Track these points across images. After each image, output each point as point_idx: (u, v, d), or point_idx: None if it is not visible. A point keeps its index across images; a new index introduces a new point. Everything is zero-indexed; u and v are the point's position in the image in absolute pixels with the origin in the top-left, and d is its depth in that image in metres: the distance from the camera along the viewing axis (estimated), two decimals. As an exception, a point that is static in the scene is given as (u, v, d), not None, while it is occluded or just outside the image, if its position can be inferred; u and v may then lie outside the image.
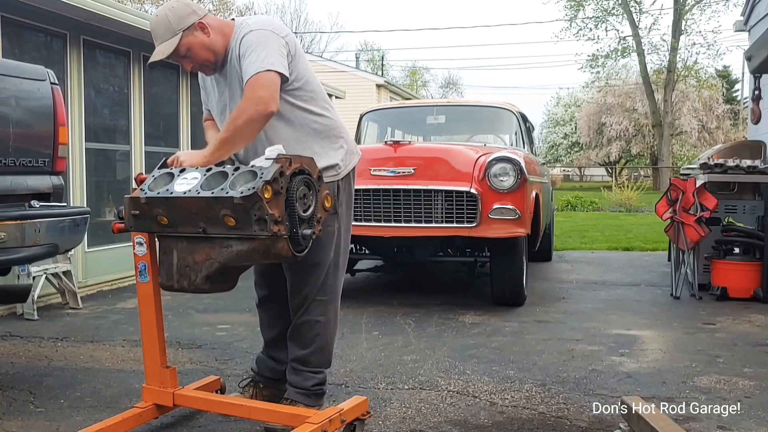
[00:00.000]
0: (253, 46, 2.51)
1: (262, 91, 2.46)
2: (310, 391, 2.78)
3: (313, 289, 2.74)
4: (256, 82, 2.47)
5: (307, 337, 2.77)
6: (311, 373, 2.79)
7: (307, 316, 2.76)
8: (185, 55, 2.59)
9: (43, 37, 5.71)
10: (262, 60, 2.49)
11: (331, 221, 2.70)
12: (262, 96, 2.45)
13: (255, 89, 2.46)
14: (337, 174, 2.73)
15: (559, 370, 3.58)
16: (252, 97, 2.46)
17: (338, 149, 2.76)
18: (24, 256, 3.13)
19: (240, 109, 2.48)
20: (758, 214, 5.79)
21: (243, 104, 2.47)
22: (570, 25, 29.00)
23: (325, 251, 2.72)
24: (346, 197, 2.82)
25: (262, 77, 2.47)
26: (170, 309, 4.96)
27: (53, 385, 3.33)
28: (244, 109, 2.46)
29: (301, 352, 2.79)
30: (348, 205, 2.85)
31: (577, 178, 44.83)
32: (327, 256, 2.74)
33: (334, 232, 2.75)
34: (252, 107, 2.45)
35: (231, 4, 37.27)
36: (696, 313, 5.10)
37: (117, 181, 6.76)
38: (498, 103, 6.88)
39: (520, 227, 4.88)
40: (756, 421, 2.85)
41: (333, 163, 2.72)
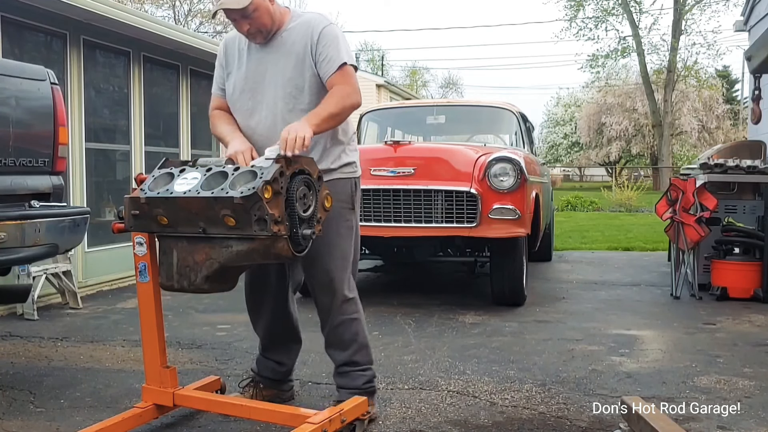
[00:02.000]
0: (338, 39, 2.67)
1: (356, 84, 2.66)
2: (363, 390, 2.77)
3: (342, 287, 2.75)
4: (351, 74, 2.65)
5: (347, 338, 2.78)
6: (360, 372, 2.80)
7: (341, 316, 2.76)
8: (249, 15, 2.59)
9: (43, 37, 5.71)
10: (348, 53, 2.67)
11: (349, 215, 2.77)
12: (358, 89, 2.66)
13: (352, 78, 2.65)
14: (354, 171, 2.81)
15: (559, 370, 3.58)
16: (353, 86, 2.63)
17: (354, 149, 2.85)
18: (24, 256, 3.13)
19: (347, 92, 2.60)
20: (758, 214, 5.78)
21: (348, 90, 2.61)
22: (570, 25, 29.01)
23: (346, 246, 2.76)
24: (360, 196, 2.89)
25: (352, 72, 2.66)
26: (170, 309, 4.96)
27: (53, 385, 3.33)
28: (350, 94, 2.61)
29: (344, 355, 2.79)
30: (359, 205, 2.91)
31: (577, 178, 44.83)
32: (348, 250, 2.77)
33: (352, 226, 2.80)
34: (355, 96, 2.62)
35: (231, 4, 37.30)
36: (696, 313, 5.10)
37: (117, 181, 6.77)
38: (498, 103, 6.88)
39: (520, 227, 4.88)
40: (756, 421, 2.85)
41: (351, 161, 2.80)
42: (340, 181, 2.74)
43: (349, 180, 2.79)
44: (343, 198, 2.73)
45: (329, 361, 3.70)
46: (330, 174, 2.70)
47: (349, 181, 2.78)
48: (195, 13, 36.55)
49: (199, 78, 7.69)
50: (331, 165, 2.72)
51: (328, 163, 2.72)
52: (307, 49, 2.65)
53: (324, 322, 2.82)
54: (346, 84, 2.61)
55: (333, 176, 2.72)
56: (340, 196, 2.70)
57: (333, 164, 2.73)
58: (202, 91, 7.87)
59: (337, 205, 2.67)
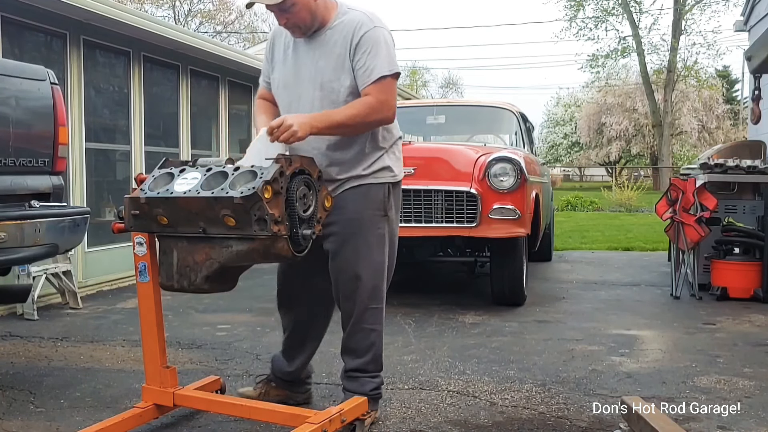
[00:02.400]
0: (379, 45, 2.56)
1: (391, 98, 2.57)
2: (370, 396, 2.72)
3: (367, 296, 2.68)
4: (388, 87, 2.56)
5: (362, 347, 2.74)
6: (369, 378, 2.77)
7: (362, 324, 2.71)
8: (287, 10, 2.56)
9: (43, 37, 5.71)
10: (390, 61, 2.57)
11: (381, 223, 2.69)
12: (391, 105, 2.58)
13: (387, 93, 2.56)
14: (389, 176, 2.72)
15: (559, 370, 3.58)
16: (384, 102, 2.55)
17: (394, 154, 2.77)
18: (24, 256, 3.13)
19: (372, 108, 2.54)
20: (758, 214, 5.78)
21: (375, 105, 2.54)
22: (570, 25, 28.98)
23: (376, 254, 2.68)
24: (395, 203, 2.78)
25: (391, 84, 2.57)
26: (170, 309, 4.96)
27: (53, 385, 3.33)
28: (376, 110, 2.54)
29: (357, 362, 2.75)
30: (396, 212, 2.80)
31: (577, 178, 44.82)
32: (379, 260, 2.69)
33: (384, 234, 2.70)
34: (383, 112, 2.56)
35: (231, 4, 37.36)
36: (696, 313, 5.10)
37: (117, 181, 6.77)
38: (498, 103, 6.88)
39: (520, 227, 4.88)
40: (756, 421, 2.85)
41: (386, 165, 2.71)
42: (372, 186, 2.67)
43: (382, 186, 2.69)
44: (373, 205, 2.66)
45: (329, 361, 3.72)
46: (360, 179, 2.65)
47: (381, 187, 2.69)
48: (195, 13, 36.58)
49: (199, 78, 7.70)
50: (363, 171, 2.66)
51: (360, 169, 2.65)
52: (346, 53, 2.58)
53: (344, 328, 2.77)
54: (377, 99, 2.54)
55: (363, 182, 2.66)
56: (370, 203, 2.65)
57: (365, 170, 2.66)
58: (202, 91, 7.88)
59: (366, 212, 2.63)
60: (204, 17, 36.62)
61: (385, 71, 2.54)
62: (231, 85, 8.30)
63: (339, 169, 2.65)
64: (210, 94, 8.04)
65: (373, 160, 2.67)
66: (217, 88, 8.08)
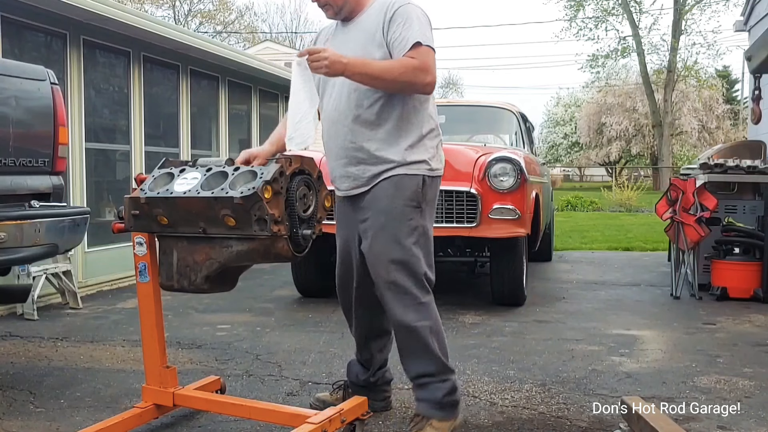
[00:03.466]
0: (412, 18, 2.47)
1: (431, 64, 2.44)
2: (443, 403, 2.56)
3: (405, 293, 2.51)
4: (427, 53, 2.43)
5: (415, 348, 2.55)
6: (438, 383, 2.57)
7: (406, 323, 2.53)
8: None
9: (43, 37, 5.71)
10: (425, 34, 2.46)
11: (414, 214, 2.54)
12: (430, 70, 2.43)
13: (426, 57, 2.43)
14: (425, 169, 2.57)
15: (559, 370, 3.58)
16: (423, 65, 2.41)
17: (430, 149, 2.62)
18: (24, 256, 3.13)
19: (409, 66, 2.40)
20: (758, 214, 5.78)
21: (414, 64, 2.40)
22: (570, 25, 29.02)
23: (408, 248, 2.52)
24: (431, 198, 2.63)
25: (431, 52, 2.45)
26: (170, 309, 4.96)
27: (53, 385, 3.33)
28: (414, 70, 2.40)
29: (416, 367, 2.58)
30: (431, 209, 2.65)
31: (577, 178, 44.82)
32: (413, 251, 2.52)
33: (417, 226, 2.55)
34: (420, 76, 2.41)
35: (231, 4, 37.37)
36: (696, 313, 5.10)
37: (117, 181, 6.77)
38: (498, 103, 6.88)
39: (520, 227, 4.88)
40: (756, 421, 2.85)
41: (422, 159, 2.57)
42: (405, 177, 2.53)
43: (416, 177, 2.54)
44: (406, 195, 2.52)
45: (329, 361, 3.72)
46: (392, 170, 2.53)
47: (415, 178, 2.54)
48: (195, 13, 36.59)
49: (199, 78, 7.70)
50: (395, 156, 2.53)
51: (392, 156, 2.53)
52: (379, 27, 2.50)
53: (393, 326, 2.62)
54: (418, 60, 2.40)
55: (396, 172, 2.53)
56: (403, 193, 2.52)
57: (396, 155, 2.53)
58: (202, 91, 7.88)
59: (398, 203, 2.51)
60: (204, 17, 36.64)
61: (420, 38, 2.44)
62: (231, 85, 8.30)
63: (368, 149, 2.54)
64: (210, 94, 8.04)
65: (404, 146, 2.54)
66: (217, 88, 8.08)
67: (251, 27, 38.61)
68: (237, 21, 37.94)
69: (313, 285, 5.55)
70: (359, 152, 2.56)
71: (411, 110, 2.56)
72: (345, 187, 2.64)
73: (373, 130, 2.53)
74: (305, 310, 5.17)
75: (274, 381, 3.38)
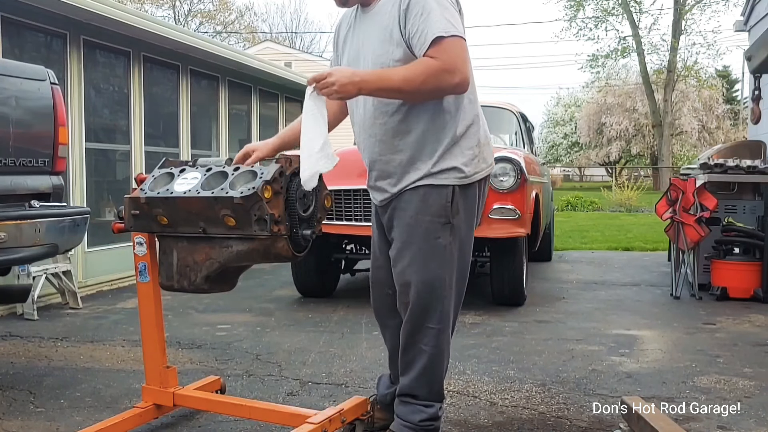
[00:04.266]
0: (431, 6, 2.16)
1: (458, 59, 2.13)
2: (417, 427, 2.38)
3: (422, 314, 2.33)
4: (452, 47, 2.12)
5: (414, 367, 2.39)
6: (421, 407, 2.39)
7: (414, 341, 2.37)
8: None
9: (43, 37, 5.71)
10: (447, 24, 2.14)
11: (442, 232, 2.30)
12: (458, 67, 2.12)
13: (451, 54, 2.12)
14: (457, 177, 2.32)
15: (559, 370, 3.58)
16: (448, 64, 2.11)
17: (466, 150, 2.34)
18: (24, 256, 3.13)
19: (433, 69, 2.12)
20: (758, 214, 5.79)
21: (436, 66, 2.11)
22: (570, 25, 29.01)
23: (433, 268, 2.31)
24: (465, 208, 2.36)
25: (455, 44, 2.13)
26: (170, 309, 4.96)
27: (53, 385, 3.33)
28: (437, 73, 2.12)
29: (407, 383, 2.42)
30: (468, 219, 2.39)
31: (577, 178, 44.81)
32: (436, 274, 2.31)
33: (446, 245, 2.31)
34: (445, 77, 2.12)
35: (231, 4, 37.38)
36: (696, 313, 5.10)
37: (117, 181, 6.77)
38: (498, 103, 6.88)
39: (520, 227, 4.88)
40: (756, 421, 2.85)
41: (452, 166, 2.30)
42: (433, 189, 2.29)
43: (445, 188, 2.29)
44: (432, 210, 2.29)
45: (329, 361, 3.72)
46: (419, 180, 2.30)
47: (444, 190, 2.29)
48: (195, 13, 36.61)
49: (199, 78, 7.70)
50: (423, 168, 2.29)
51: (419, 164, 2.30)
52: (395, 22, 2.23)
53: (401, 339, 2.44)
54: (441, 60, 2.11)
55: (422, 182, 2.30)
56: (429, 208, 2.29)
57: (425, 167, 2.29)
58: (202, 91, 7.88)
59: (424, 219, 2.29)
60: (204, 17, 36.66)
61: (441, 32, 2.12)
62: (231, 85, 8.30)
63: (396, 162, 2.33)
64: (210, 94, 8.04)
65: (435, 154, 2.29)
66: (217, 88, 8.08)
67: (251, 27, 38.64)
68: (237, 21, 37.97)
69: (313, 285, 5.55)
70: (388, 165, 2.35)
71: (443, 110, 2.29)
72: (377, 199, 2.48)
73: (402, 139, 2.31)
74: (305, 310, 5.17)
75: (274, 381, 3.38)
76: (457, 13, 2.23)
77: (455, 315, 2.44)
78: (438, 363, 2.39)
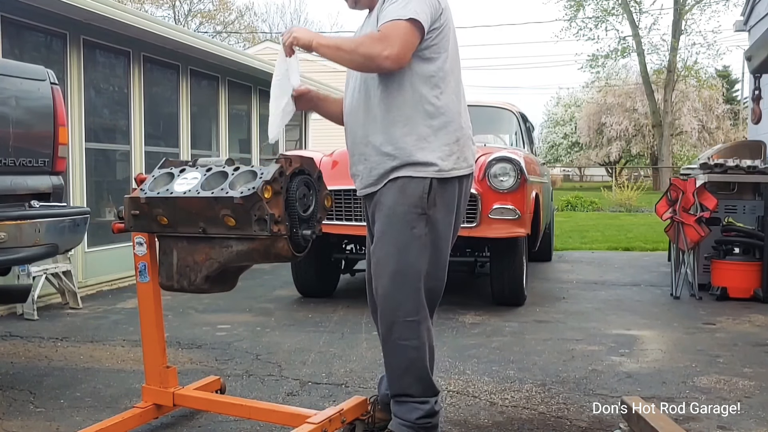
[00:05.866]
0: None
1: (398, 45, 2.22)
2: (416, 425, 2.39)
3: (397, 306, 2.35)
4: (396, 27, 2.22)
5: (398, 365, 2.40)
6: (417, 404, 2.40)
7: (393, 337, 2.38)
8: None
9: (43, 37, 5.71)
10: (404, 7, 2.24)
11: (417, 222, 2.35)
12: (392, 42, 2.21)
13: (392, 30, 2.22)
14: (434, 170, 2.35)
15: (559, 370, 3.58)
16: (384, 38, 2.22)
17: (443, 146, 2.38)
18: (24, 256, 3.13)
19: (369, 38, 2.25)
20: (758, 214, 5.78)
21: (374, 37, 2.24)
22: (570, 25, 29.02)
23: (408, 258, 2.34)
24: (443, 202, 2.40)
25: (405, 29, 2.23)
26: (170, 309, 4.96)
27: (53, 385, 3.33)
28: (372, 43, 2.23)
29: (396, 382, 2.42)
30: (446, 214, 2.42)
31: (577, 178, 44.82)
32: (409, 263, 2.34)
33: (420, 236, 2.35)
34: (377, 50, 2.22)
35: (231, 4, 37.38)
36: (696, 313, 5.10)
37: (117, 181, 6.77)
38: (498, 103, 6.88)
39: (520, 227, 4.88)
40: (756, 421, 2.85)
41: (428, 160, 2.35)
42: (412, 180, 2.34)
43: (422, 180, 2.34)
44: (409, 200, 2.34)
45: (329, 361, 3.72)
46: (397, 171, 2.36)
47: (421, 182, 2.34)
48: (195, 13, 36.61)
49: (199, 78, 7.70)
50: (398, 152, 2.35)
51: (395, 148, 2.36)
52: (377, 15, 2.36)
53: (380, 336, 2.47)
54: (380, 33, 2.23)
55: (401, 173, 2.35)
56: (406, 198, 2.34)
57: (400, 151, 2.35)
58: (202, 91, 7.89)
59: (400, 208, 2.34)
60: (204, 17, 36.66)
61: (397, 15, 2.23)
62: (231, 85, 8.30)
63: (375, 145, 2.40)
64: (210, 94, 8.04)
65: (409, 144, 2.34)
66: (217, 88, 8.08)
67: (251, 27, 38.64)
68: (237, 21, 37.97)
69: (313, 285, 5.55)
70: (366, 147, 2.43)
71: (419, 99, 2.35)
72: (357, 186, 2.55)
73: (379, 121, 2.38)
74: (305, 310, 5.17)
75: (274, 381, 3.38)
76: (428, 7, 2.29)
77: (432, 310, 2.46)
78: (422, 356, 2.40)
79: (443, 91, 2.38)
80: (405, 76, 2.34)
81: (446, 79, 2.39)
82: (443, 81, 2.39)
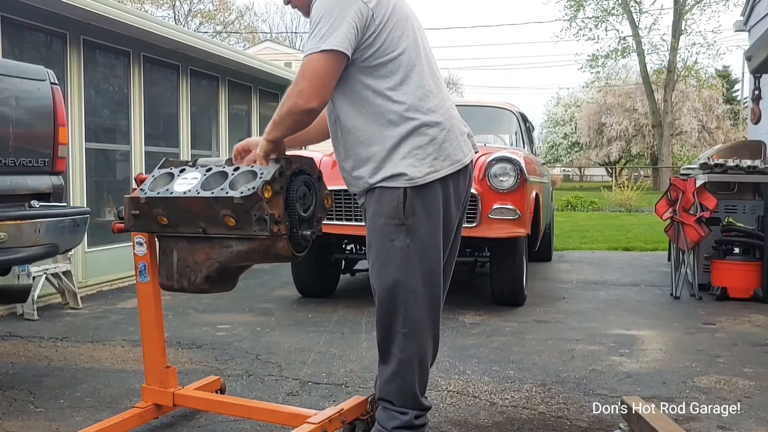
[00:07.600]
0: (317, 17, 2.17)
1: (305, 81, 2.16)
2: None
3: (385, 318, 2.32)
4: (304, 69, 2.17)
5: (385, 371, 2.37)
6: (396, 413, 2.34)
7: (386, 345, 2.35)
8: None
9: (43, 37, 5.71)
10: (320, 37, 2.14)
11: (396, 234, 2.26)
12: (303, 88, 2.16)
13: (300, 76, 2.17)
14: (406, 180, 2.25)
15: (559, 370, 3.58)
16: (295, 86, 2.18)
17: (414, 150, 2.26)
18: (24, 256, 3.13)
19: (285, 96, 2.22)
20: (758, 214, 5.79)
21: (288, 92, 2.21)
22: (570, 25, 28.99)
23: (390, 271, 2.28)
24: (424, 209, 2.27)
25: (311, 64, 2.15)
26: (170, 309, 4.96)
27: (53, 385, 3.33)
28: (287, 98, 2.21)
29: (381, 386, 2.39)
30: (429, 221, 2.29)
31: (577, 178, 44.82)
32: (394, 278, 2.28)
33: (401, 248, 2.26)
34: (292, 99, 2.18)
35: (231, 4, 37.39)
36: (696, 313, 5.10)
37: (117, 181, 6.77)
38: (498, 103, 6.89)
39: (520, 227, 4.88)
40: (756, 421, 2.85)
41: (396, 172, 2.25)
42: (385, 191, 2.26)
43: (396, 190, 2.24)
44: (386, 212, 2.27)
45: (329, 361, 3.72)
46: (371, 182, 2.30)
47: (395, 192, 2.24)
48: (195, 13, 36.62)
49: (199, 78, 7.70)
50: (368, 174, 2.29)
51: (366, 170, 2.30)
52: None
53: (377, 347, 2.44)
54: (291, 87, 2.20)
55: (376, 185, 2.29)
56: (383, 209, 2.27)
57: (373, 173, 2.28)
58: (202, 91, 7.89)
59: (379, 221, 2.29)
60: (204, 17, 36.67)
61: (308, 50, 2.17)
62: (231, 85, 8.30)
63: (348, 171, 2.38)
64: (210, 94, 8.04)
65: (380, 157, 2.26)
66: (217, 88, 8.08)
67: (251, 27, 38.67)
68: (237, 21, 37.99)
69: (313, 285, 5.55)
70: (344, 172, 2.41)
71: (379, 113, 2.25)
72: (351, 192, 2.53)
73: (346, 147, 2.34)
74: (305, 310, 5.17)
75: (274, 381, 3.38)
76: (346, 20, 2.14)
77: (433, 321, 2.37)
78: (408, 369, 2.32)
79: (404, 91, 2.25)
80: (357, 94, 2.26)
81: (408, 76, 2.25)
82: (404, 81, 2.25)
